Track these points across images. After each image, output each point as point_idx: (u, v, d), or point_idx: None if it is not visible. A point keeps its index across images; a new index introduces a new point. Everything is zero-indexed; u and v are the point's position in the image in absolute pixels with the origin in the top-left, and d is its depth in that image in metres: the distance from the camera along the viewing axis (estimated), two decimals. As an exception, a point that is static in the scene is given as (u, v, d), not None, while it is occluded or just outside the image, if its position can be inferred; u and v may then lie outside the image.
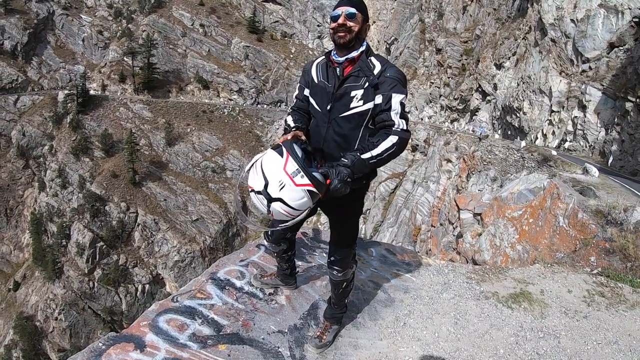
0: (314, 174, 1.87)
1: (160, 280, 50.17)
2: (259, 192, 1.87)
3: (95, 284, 46.74)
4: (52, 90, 67.17)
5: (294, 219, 1.95)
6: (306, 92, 2.44)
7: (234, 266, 3.09)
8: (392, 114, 2.06)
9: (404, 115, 2.09)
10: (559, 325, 2.92)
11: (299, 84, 2.55)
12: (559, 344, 2.74)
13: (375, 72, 2.15)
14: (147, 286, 48.77)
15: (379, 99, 2.10)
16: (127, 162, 53.13)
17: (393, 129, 2.05)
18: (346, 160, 1.97)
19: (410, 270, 3.57)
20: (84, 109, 57.90)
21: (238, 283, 2.89)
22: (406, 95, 2.15)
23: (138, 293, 48.15)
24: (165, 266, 50.12)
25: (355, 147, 2.17)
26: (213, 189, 57.55)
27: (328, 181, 1.91)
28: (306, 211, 1.95)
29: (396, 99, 2.07)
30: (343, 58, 2.20)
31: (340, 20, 2.15)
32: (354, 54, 2.18)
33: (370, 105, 2.12)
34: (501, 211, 7.11)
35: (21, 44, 70.70)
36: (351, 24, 2.15)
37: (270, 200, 1.85)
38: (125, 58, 65.97)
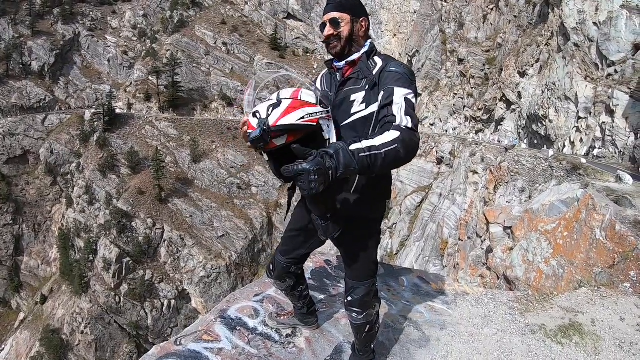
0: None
1: (186, 296, 50.49)
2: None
3: (122, 299, 47.34)
4: (79, 109, 69.03)
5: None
6: None
7: (248, 302, 2.75)
8: (395, 108, 1.72)
9: (409, 113, 1.71)
10: (615, 362, 2.55)
11: None
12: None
13: (375, 70, 1.91)
14: (172, 301, 49.13)
15: (380, 95, 1.82)
16: (154, 179, 54.04)
17: (394, 124, 1.67)
18: (329, 150, 1.51)
19: (446, 301, 3.19)
20: (110, 127, 59.33)
21: (251, 323, 2.56)
22: (414, 93, 1.82)
23: (164, 308, 48.52)
24: (191, 282, 50.47)
25: None
26: (239, 205, 57.91)
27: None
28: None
29: (399, 92, 1.75)
30: (343, 62, 2.01)
31: (326, 32, 1.97)
32: (355, 56, 1.98)
33: (374, 107, 1.85)
34: (533, 224, 6.85)
35: (48, 65, 73.19)
36: (339, 30, 1.95)
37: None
38: (150, 77, 67.57)
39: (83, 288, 47.82)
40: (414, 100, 1.79)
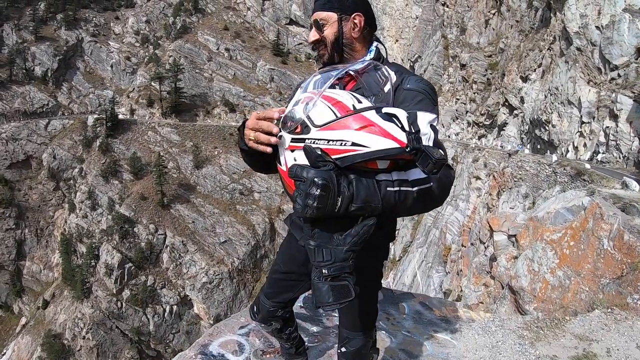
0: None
1: (188, 302, 50.33)
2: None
3: (123, 304, 47.21)
4: (82, 114, 69.09)
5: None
6: None
7: (232, 335, 2.48)
8: (423, 139, 1.21)
9: (439, 144, 1.26)
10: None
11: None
12: None
13: (387, 87, 1.46)
14: (175, 307, 48.98)
15: None
16: (156, 185, 54.03)
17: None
18: (349, 173, 1.14)
19: (450, 329, 2.91)
20: (113, 133, 59.44)
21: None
22: (437, 117, 1.39)
23: (166, 314, 48.36)
24: (193, 287, 50.31)
25: None
26: (241, 211, 57.80)
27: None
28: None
29: (424, 118, 1.32)
30: (340, 72, 1.53)
31: (310, 37, 1.63)
32: (358, 66, 1.51)
33: None
34: (538, 233, 6.72)
35: (51, 70, 73.49)
36: (322, 34, 1.58)
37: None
38: (152, 83, 67.75)
39: (85, 293, 47.71)
40: (437, 127, 1.39)
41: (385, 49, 1.68)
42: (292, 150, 1.21)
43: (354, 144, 1.12)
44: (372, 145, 1.11)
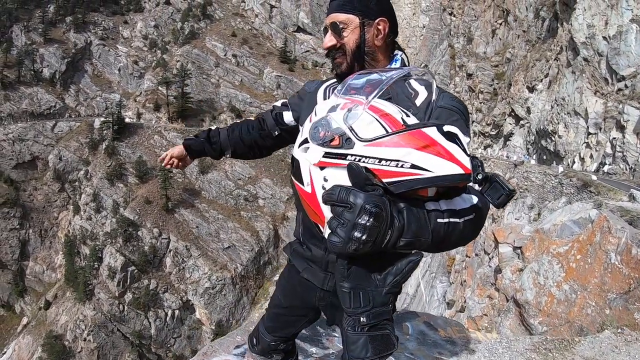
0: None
1: (190, 307, 50.25)
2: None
3: (125, 307, 47.22)
4: (89, 117, 69.67)
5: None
6: (289, 118, 1.61)
7: (227, 356, 2.32)
8: None
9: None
10: None
11: (282, 102, 1.67)
12: None
13: (418, 100, 1.28)
14: (177, 312, 48.91)
15: None
16: (161, 189, 54.16)
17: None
18: (398, 202, 0.96)
19: (455, 352, 2.74)
20: (119, 136, 59.73)
21: (228, 383, 2.07)
22: (470, 139, 1.20)
23: (167, 318, 48.29)
24: (195, 292, 50.24)
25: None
26: (245, 217, 57.78)
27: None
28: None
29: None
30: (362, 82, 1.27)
31: (326, 42, 1.40)
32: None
33: None
34: (544, 245, 6.64)
35: (59, 72, 74.22)
36: (341, 40, 1.37)
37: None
38: (159, 87, 68.12)
39: (87, 295, 47.78)
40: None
41: (408, 58, 1.47)
42: (322, 168, 0.98)
43: (413, 167, 0.91)
44: (436, 170, 0.91)
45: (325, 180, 0.97)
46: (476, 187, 1.06)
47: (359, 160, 0.93)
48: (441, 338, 2.88)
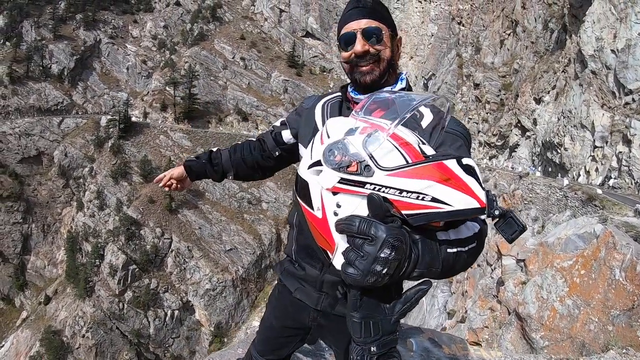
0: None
1: (190, 307, 50.22)
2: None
3: (125, 306, 47.23)
4: (96, 114, 69.96)
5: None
6: (288, 136, 1.61)
7: None
8: None
9: None
10: None
11: (280, 121, 1.67)
12: None
13: (424, 123, 1.28)
14: (176, 312, 48.87)
15: None
16: (164, 189, 54.16)
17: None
18: (413, 233, 0.95)
19: None
20: (125, 135, 59.99)
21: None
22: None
23: (167, 318, 48.25)
24: (196, 293, 50.22)
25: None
26: (248, 220, 57.79)
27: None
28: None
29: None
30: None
31: (360, 47, 1.30)
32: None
33: None
34: (547, 259, 6.60)
35: (68, 69, 74.67)
36: (379, 47, 1.31)
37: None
38: (167, 87, 68.43)
39: (87, 292, 47.86)
40: None
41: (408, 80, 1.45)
42: (335, 193, 0.93)
43: (434, 200, 0.87)
44: (456, 204, 0.88)
45: (339, 206, 0.93)
46: (489, 220, 1.02)
47: (379, 190, 0.89)
48: (445, 355, 2.82)
